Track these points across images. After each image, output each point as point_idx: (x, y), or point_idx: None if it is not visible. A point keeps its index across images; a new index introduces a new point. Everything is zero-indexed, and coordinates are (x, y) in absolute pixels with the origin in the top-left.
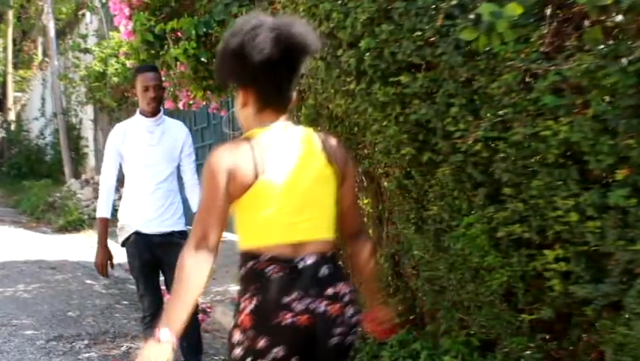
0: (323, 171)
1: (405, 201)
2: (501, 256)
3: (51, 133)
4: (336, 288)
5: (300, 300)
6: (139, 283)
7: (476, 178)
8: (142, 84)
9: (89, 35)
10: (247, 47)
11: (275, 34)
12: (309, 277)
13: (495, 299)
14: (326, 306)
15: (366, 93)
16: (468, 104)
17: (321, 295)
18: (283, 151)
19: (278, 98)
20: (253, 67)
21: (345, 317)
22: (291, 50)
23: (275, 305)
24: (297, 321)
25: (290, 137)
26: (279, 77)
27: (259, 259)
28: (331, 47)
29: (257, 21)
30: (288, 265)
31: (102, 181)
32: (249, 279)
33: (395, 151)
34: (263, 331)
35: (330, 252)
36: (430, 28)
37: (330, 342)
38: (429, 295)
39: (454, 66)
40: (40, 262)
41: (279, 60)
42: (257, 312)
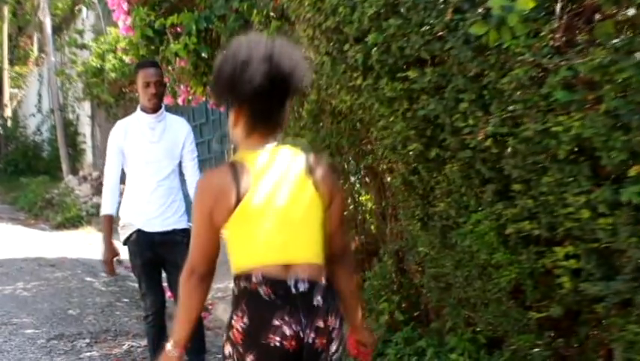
0: (309, 194)
1: (410, 197)
2: (509, 253)
3: (48, 129)
4: (327, 321)
5: (290, 325)
6: (141, 282)
7: (485, 174)
8: (143, 80)
9: (86, 31)
10: (238, 77)
11: (265, 67)
12: (302, 305)
13: (502, 296)
14: (314, 338)
15: (372, 89)
16: (477, 99)
17: (311, 326)
18: (269, 175)
19: (266, 123)
20: (243, 94)
21: (328, 352)
22: (280, 81)
23: (265, 325)
24: (286, 345)
25: (277, 160)
26: (268, 106)
27: (251, 280)
28: (337, 42)
29: (249, 51)
30: (280, 286)
31: (106, 179)
32: (241, 297)
33: (401, 147)
34: (252, 348)
35: (324, 280)
36: (438, 22)
37: None
38: (434, 292)
39: (464, 61)
40: (39, 259)
41: (268, 91)
42: (247, 330)
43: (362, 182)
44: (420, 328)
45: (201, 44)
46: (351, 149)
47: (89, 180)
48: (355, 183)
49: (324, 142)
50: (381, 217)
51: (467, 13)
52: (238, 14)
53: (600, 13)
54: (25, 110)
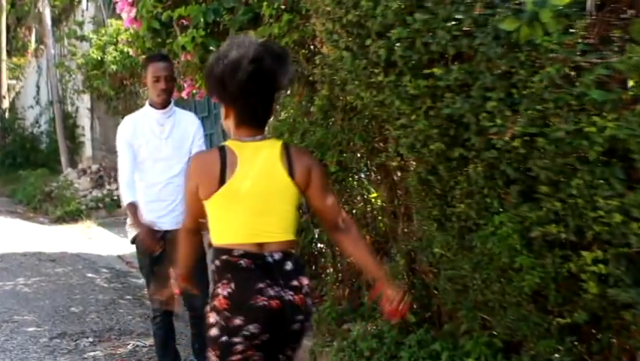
0: (282, 182)
1: (427, 197)
2: (533, 256)
3: (46, 122)
4: (299, 281)
5: (271, 287)
6: (149, 282)
7: (510, 175)
8: (153, 74)
9: (86, 23)
10: (227, 77)
11: (251, 68)
12: (277, 270)
13: (522, 300)
14: (291, 295)
15: (394, 86)
16: (506, 98)
17: (288, 286)
18: (251, 163)
19: (253, 119)
20: (232, 93)
21: (305, 306)
22: (266, 82)
23: (249, 289)
24: (269, 304)
25: (260, 151)
26: (254, 104)
27: (232, 253)
28: (358, 36)
29: (237, 53)
30: (258, 257)
31: (121, 174)
32: (223, 269)
33: (420, 146)
34: (239, 311)
35: (293, 250)
36: (466, 17)
37: (293, 327)
38: (450, 295)
39: (492, 58)
40: (39, 254)
41: (254, 90)
42: (232, 296)
43: (373, 180)
44: (432, 330)
45: (209, 37)
46: (363, 146)
47: (88, 174)
48: (363, 180)
49: (335, 138)
50: (392, 216)
51: (497, 8)
52: (248, 7)
53: (635, 9)
54: (24, 102)
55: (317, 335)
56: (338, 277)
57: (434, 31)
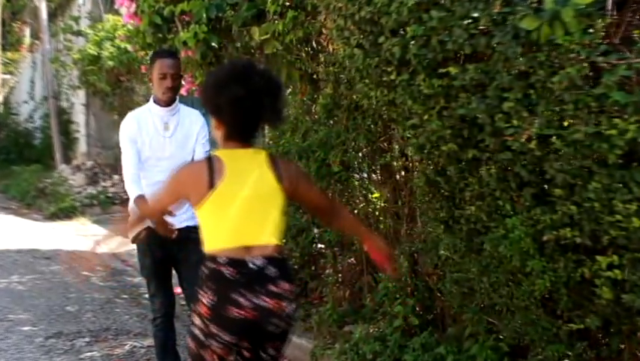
0: (271, 188)
1: (435, 198)
2: (545, 260)
3: (41, 117)
4: (279, 286)
5: (248, 298)
6: (150, 283)
7: (523, 178)
8: (159, 71)
9: (82, 18)
10: (218, 97)
11: (240, 91)
12: (258, 277)
13: (531, 304)
14: (268, 301)
15: (407, 85)
16: (523, 98)
17: (266, 292)
18: (237, 169)
19: (241, 135)
20: (223, 109)
21: (282, 312)
22: (253, 103)
23: (227, 300)
24: (244, 316)
25: (245, 158)
26: (242, 121)
27: (217, 261)
28: (371, 34)
29: (229, 75)
30: (241, 265)
31: (125, 171)
32: (209, 277)
33: (430, 147)
34: (216, 321)
35: (279, 255)
36: (484, 15)
37: (268, 329)
38: (456, 298)
39: (510, 57)
40: (33, 251)
41: (241, 110)
42: (213, 306)
43: (376, 180)
44: (436, 333)
45: (211, 33)
46: (367, 146)
47: (82, 170)
48: (366, 180)
49: (338, 138)
50: (395, 217)
51: (517, 6)
52: (251, 3)
53: None
54: (18, 97)
55: (318, 336)
56: (338, 278)
57: (450, 29)
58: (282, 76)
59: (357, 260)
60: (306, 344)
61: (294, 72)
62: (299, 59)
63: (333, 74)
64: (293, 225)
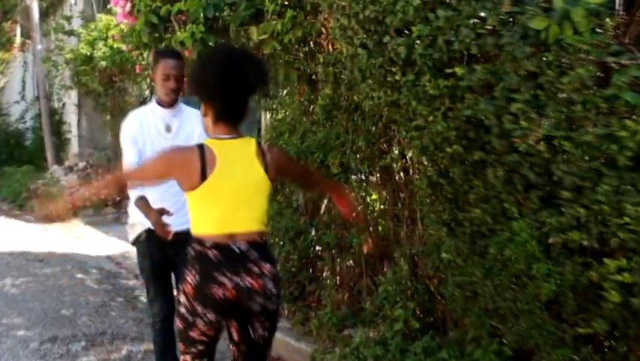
0: (258, 176)
1: (437, 201)
2: (551, 263)
3: (32, 118)
4: (260, 267)
5: (231, 278)
6: (149, 287)
7: (530, 180)
8: (162, 72)
9: (74, 17)
10: (208, 76)
11: (230, 70)
12: (241, 259)
13: (536, 308)
14: (250, 281)
15: (412, 85)
16: (531, 99)
17: (248, 272)
18: (228, 160)
19: (229, 116)
20: (211, 91)
21: (265, 290)
22: (242, 84)
23: (211, 280)
24: (225, 294)
25: (235, 148)
26: (229, 105)
27: (203, 244)
28: (375, 33)
29: (216, 60)
30: (226, 249)
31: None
32: (194, 258)
33: (434, 148)
34: (200, 300)
35: (261, 239)
36: (492, 14)
37: (253, 308)
38: (459, 301)
39: (519, 58)
40: (26, 253)
41: (228, 94)
42: (197, 285)
43: (375, 182)
44: (437, 337)
45: (209, 33)
46: (367, 147)
47: (75, 171)
48: (364, 182)
49: (337, 139)
50: (395, 219)
51: (525, 5)
52: (249, 2)
53: None
54: (8, 98)
55: (317, 340)
56: (336, 281)
57: (457, 28)
58: (280, 76)
59: (356, 263)
60: (305, 348)
61: (292, 72)
62: (297, 59)
63: (332, 74)
64: (291, 227)
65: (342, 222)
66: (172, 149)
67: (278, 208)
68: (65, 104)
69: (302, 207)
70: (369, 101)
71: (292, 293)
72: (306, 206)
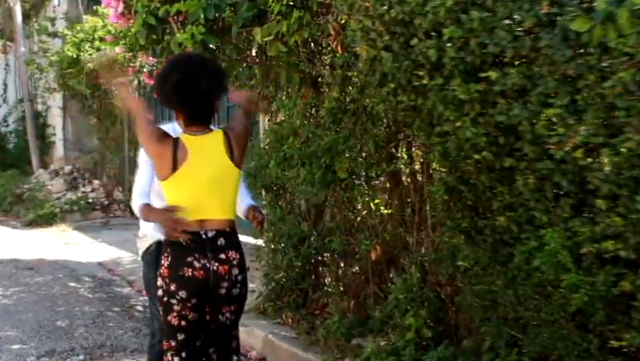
0: (227, 168)
1: (455, 208)
2: (582, 273)
3: (15, 120)
4: (228, 254)
5: (199, 260)
6: (153, 300)
7: (562, 188)
8: None
9: (58, 19)
10: (168, 92)
11: (189, 80)
12: (209, 245)
13: (560, 318)
14: (217, 266)
15: (440, 89)
16: (569, 105)
17: (215, 258)
18: (198, 153)
19: (197, 119)
20: (175, 104)
21: (230, 275)
22: (203, 90)
23: (182, 263)
24: (196, 274)
25: (206, 142)
26: (194, 109)
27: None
28: (402, 35)
29: (178, 68)
30: (195, 235)
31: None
32: (167, 244)
33: (456, 154)
34: (173, 279)
35: (229, 228)
36: (530, 16)
37: (220, 292)
38: (477, 310)
39: (557, 61)
40: (15, 261)
41: (193, 100)
42: (170, 267)
43: (383, 187)
44: (451, 346)
45: (209, 35)
46: (375, 152)
47: (61, 175)
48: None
49: (345, 143)
50: (403, 225)
51: (566, 6)
52: (252, 3)
53: None
54: None
55: (325, 350)
56: (340, 288)
57: (492, 30)
58: (282, 79)
59: (362, 269)
60: (313, 359)
61: (294, 75)
62: (302, 61)
63: (340, 76)
64: (294, 233)
65: (348, 227)
66: (152, 134)
67: (280, 214)
68: (49, 107)
69: (304, 212)
70: (382, 105)
71: (296, 301)
72: (308, 211)
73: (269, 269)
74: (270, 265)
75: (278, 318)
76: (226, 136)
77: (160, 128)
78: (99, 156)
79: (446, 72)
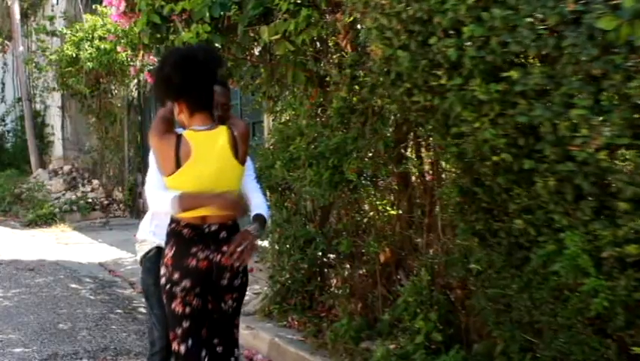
0: (230, 164)
1: (469, 210)
2: (603, 278)
3: (13, 120)
4: (229, 247)
5: (203, 251)
6: (152, 308)
7: (583, 190)
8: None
9: (57, 17)
10: (170, 78)
11: (188, 63)
12: (211, 238)
13: (577, 323)
14: (220, 258)
15: (458, 89)
16: (593, 105)
17: (218, 250)
18: (202, 150)
19: (202, 105)
20: (178, 89)
21: (232, 266)
22: (203, 72)
23: (186, 253)
24: (199, 265)
25: (210, 139)
26: (198, 92)
27: (179, 223)
28: (419, 34)
29: (175, 56)
30: (197, 229)
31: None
32: (171, 236)
33: (473, 156)
34: (177, 269)
35: (230, 221)
36: (554, 13)
37: (222, 282)
38: (490, 314)
39: (585, 60)
40: (15, 262)
41: (193, 87)
42: (174, 257)
43: (389, 187)
44: (462, 350)
45: (215, 33)
46: (385, 153)
47: (60, 175)
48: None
49: (353, 143)
50: (412, 226)
51: (592, 4)
52: (258, 1)
53: None
54: None
55: (333, 354)
56: (347, 290)
57: (514, 29)
58: (288, 78)
59: (369, 272)
60: None
61: (300, 74)
62: (309, 60)
63: (349, 76)
64: (300, 235)
65: (355, 229)
66: (156, 128)
67: (286, 215)
68: (48, 107)
69: (310, 213)
70: (394, 105)
71: (303, 303)
72: (314, 213)
73: (274, 271)
74: (275, 266)
75: (284, 321)
76: (231, 133)
77: (165, 123)
78: (98, 155)
79: (465, 72)
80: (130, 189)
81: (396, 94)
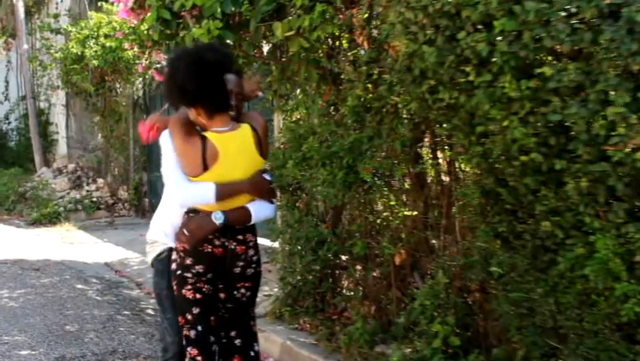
0: (256, 161)
1: (492, 211)
2: (635, 282)
3: (17, 118)
4: (245, 236)
5: (219, 238)
6: (165, 313)
7: (617, 192)
8: None
9: (61, 15)
10: (183, 83)
11: (201, 65)
12: (228, 227)
13: (605, 328)
14: (235, 246)
15: (487, 86)
16: (632, 102)
17: (234, 238)
18: (229, 153)
19: (220, 106)
20: (193, 93)
21: (246, 255)
22: (215, 72)
23: (202, 240)
24: (214, 251)
25: (235, 140)
26: (214, 93)
27: (197, 213)
28: (447, 28)
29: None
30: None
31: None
32: (189, 221)
33: (498, 156)
34: (191, 254)
35: None
36: (591, 7)
37: (235, 270)
38: (512, 318)
39: (623, 55)
40: (20, 261)
41: (209, 83)
42: (190, 243)
43: (408, 188)
44: (481, 355)
45: (226, 29)
46: (402, 152)
47: (64, 173)
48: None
49: (369, 142)
50: (429, 228)
51: None
52: None
53: None
54: None
55: (348, 358)
56: (360, 293)
57: (547, 23)
58: (300, 76)
59: (383, 274)
60: None
61: (313, 71)
62: (322, 57)
63: (365, 73)
64: (312, 236)
65: (368, 230)
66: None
67: (298, 216)
68: (52, 105)
69: (322, 214)
70: (415, 104)
71: (315, 306)
72: (326, 213)
73: (285, 272)
74: (286, 268)
75: (295, 323)
76: (254, 131)
77: (187, 125)
78: (103, 154)
79: (495, 68)
80: (135, 188)
81: (418, 91)
